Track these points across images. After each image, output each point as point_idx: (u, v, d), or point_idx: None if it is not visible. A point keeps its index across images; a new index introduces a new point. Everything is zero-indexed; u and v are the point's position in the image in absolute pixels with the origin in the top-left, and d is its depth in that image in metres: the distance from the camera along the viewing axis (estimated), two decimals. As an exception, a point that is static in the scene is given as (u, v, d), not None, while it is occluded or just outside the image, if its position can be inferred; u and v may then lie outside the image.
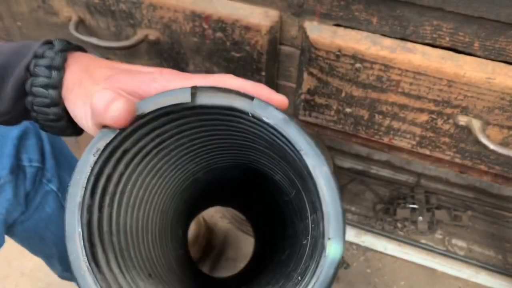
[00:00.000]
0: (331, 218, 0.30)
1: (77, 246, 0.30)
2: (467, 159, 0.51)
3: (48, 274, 0.96)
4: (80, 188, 0.31)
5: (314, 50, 0.47)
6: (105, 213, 0.33)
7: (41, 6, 0.58)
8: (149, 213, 0.40)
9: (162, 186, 0.41)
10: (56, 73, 0.35)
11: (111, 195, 0.34)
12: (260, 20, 0.47)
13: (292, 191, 0.43)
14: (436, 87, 0.45)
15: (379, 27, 0.45)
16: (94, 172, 0.32)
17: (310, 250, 0.35)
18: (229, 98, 0.34)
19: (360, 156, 1.22)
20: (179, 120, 0.36)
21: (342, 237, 0.30)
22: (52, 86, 0.35)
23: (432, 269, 1.04)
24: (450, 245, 1.08)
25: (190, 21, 0.50)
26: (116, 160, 0.33)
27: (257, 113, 0.33)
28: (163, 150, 0.38)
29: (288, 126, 0.32)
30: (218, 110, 0.35)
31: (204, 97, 0.34)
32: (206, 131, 0.39)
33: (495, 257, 1.07)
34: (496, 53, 0.42)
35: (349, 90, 0.49)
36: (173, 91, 0.33)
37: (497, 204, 1.13)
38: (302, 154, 0.32)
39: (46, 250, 0.72)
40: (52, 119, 0.36)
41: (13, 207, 0.57)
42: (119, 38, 0.57)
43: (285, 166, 0.40)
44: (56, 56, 0.36)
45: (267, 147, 0.39)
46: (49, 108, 0.36)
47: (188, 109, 0.34)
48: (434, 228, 1.11)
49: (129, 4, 0.52)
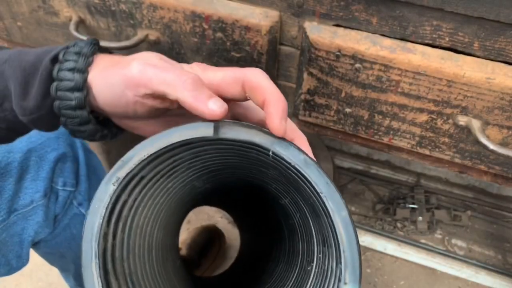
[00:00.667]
0: (349, 263, 0.31)
1: (94, 275, 0.30)
2: (467, 159, 0.51)
3: (49, 274, 0.97)
4: (98, 217, 0.31)
5: (314, 50, 0.47)
6: (118, 239, 0.33)
7: (41, 6, 0.58)
8: (154, 229, 0.40)
9: (169, 203, 0.42)
10: (79, 76, 0.35)
11: (124, 220, 0.34)
12: (260, 20, 0.47)
13: (297, 214, 0.43)
14: (435, 87, 0.45)
15: (379, 27, 0.45)
16: (112, 201, 0.32)
17: (316, 280, 0.36)
18: (250, 134, 0.34)
19: (360, 156, 1.22)
20: (197, 148, 0.36)
21: (359, 282, 0.31)
22: (77, 89, 0.35)
23: (432, 269, 1.04)
24: (450, 245, 1.08)
25: (190, 21, 0.51)
26: (133, 187, 0.34)
27: (278, 152, 0.33)
28: (175, 172, 0.38)
29: (309, 167, 0.33)
30: (238, 144, 0.35)
31: (226, 130, 0.34)
32: (222, 157, 0.39)
33: (495, 257, 1.07)
34: (496, 53, 0.42)
35: (349, 90, 0.49)
36: (197, 125, 0.34)
37: (496, 204, 1.14)
38: (322, 197, 0.32)
39: (64, 265, 0.72)
40: (80, 122, 0.36)
41: (41, 229, 0.58)
42: (119, 38, 0.57)
43: (295, 195, 0.40)
44: (79, 59, 0.36)
45: (282, 178, 0.39)
46: (74, 111, 0.36)
47: (209, 141, 0.35)
48: (434, 228, 1.11)
49: (130, 4, 0.52)
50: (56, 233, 0.62)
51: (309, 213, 0.39)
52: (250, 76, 0.33)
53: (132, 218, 0.35)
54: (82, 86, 0.35)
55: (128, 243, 0.35)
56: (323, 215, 0.34)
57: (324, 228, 0.35)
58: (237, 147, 0.36)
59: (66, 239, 0.65)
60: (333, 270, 0.32)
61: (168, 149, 0.34)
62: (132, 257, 0.35)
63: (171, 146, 0.34)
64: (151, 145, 0.33)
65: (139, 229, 0.37)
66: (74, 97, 0.35)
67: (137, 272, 0.36)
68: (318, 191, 0.32)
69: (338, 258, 0.32)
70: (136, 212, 0.36)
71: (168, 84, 0.32)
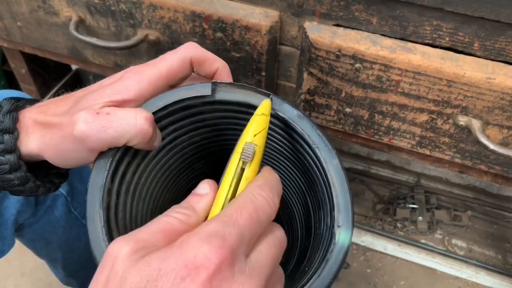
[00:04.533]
0: (341, 207, 0.32)
1: (97, 226, 0.31)
2: (467, 159, 0.51)
3: (49, 274, 0.97)
4: (103, 171, 0.32)
5: (314, 50, 0.47)
6: (121, 200, 0.34)
7: (41, 6, 0.58)
8: (155, 207, 0.41)
9: (170, 183, 0.42)
10: (9, 136, 0.33)
11: (127, 184, 0.35)
12: (260, 20, 0.47)
13: (291, 190, 0.43)
14: (436, 87, 0.45)
15: (379, 27, 0.45)
16: (116, 158, 0.33)
17: (315, 246, 0.36)
18: (246, 94, 0.35)
19: (360, 156, 1.22)
20: (195, 116, 0.37)
21: (351, 225, 0.31)
22: (8, 151, 0.33)
23: (432, 269, 1.04)
24: (450, 245, 1.08)
25: (190, 21, 0.51)
26: (136, 149, 0.34)
27: (274, 109, 0.35)
28: (176, 146, 0.39)
29: (302, 121, 0.34)
30: (235, 107, 0.36)
31: (223, 92, 0.35)
32: (219, 130, 0.40)
33: (495, 257, 1.07)
34: (496, 53, 0.42)
35: (349, 90, 0.49)
36: (194, 85, 0.35)
37: (497, 204, 1.13)
38: (314, 147, 0.34)
39: (51, 253, 0.72)
40: (18, 183, 0.35)
41: (23, 208, 0.57)
42: (119, 38, 0.57)
43: (293, 167, 0.41)
44: (4, 119, 0.34)
45: (278, 148, 0.40)
46: (11, 174, 0.34)
47: (207, 104, 0.36)
48: (434, 228, 1.11)
49: (129, 4, 0.52)
50: (39, 215, 0.62)
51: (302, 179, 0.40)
52: (195, 53, 0.36)
53: (135, 185, 0.36)
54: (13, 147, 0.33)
55: (131, 208, 0.35)
56: (315, 169, 0.35)
57: (318, 190, 0.36)
58: (233, 112, 0.37)
59: (49, 222, 0.64)
60: (328, 225, 0.33)
61: (167, 112, 0.35)
62: (134, 224, 0.35)
63: (169, 108, 0.34)
64: (149, 106, 0.34)
65: (141, 200, 0.37)
66: (6, 160, 0.33)
67: None
68: (310, 143, 0.34)
69: (332, 208, 0.32)
70: (139, 181, 0.36)
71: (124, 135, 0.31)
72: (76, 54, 0.63)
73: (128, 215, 0.35)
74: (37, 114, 0.35)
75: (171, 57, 0.35)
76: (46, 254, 0.73)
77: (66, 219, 0.65)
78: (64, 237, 0.67)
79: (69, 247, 0.70)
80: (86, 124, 0.30)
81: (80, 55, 0.63)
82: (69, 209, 0.66)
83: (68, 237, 0.67)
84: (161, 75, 0.34)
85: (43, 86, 0.85)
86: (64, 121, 0.32)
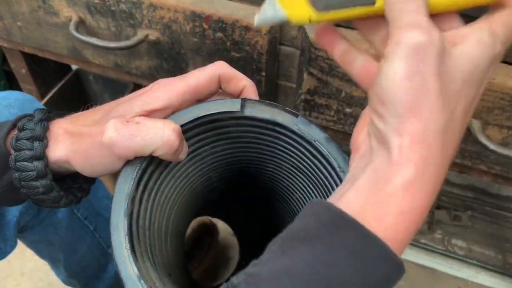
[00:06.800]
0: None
1: (121, 234, 0.31)
2: (467, 159, 0.51)
3: (49, 274, 0.97)
4: (129, 179, 0.33)
5: (314, 50, 0.47)
6: (143, 207, 0.35)
7: (41, 6, 0.58)
8: (171, 213, 0.41)
9: (187, 189, 0.43)
10: (38, 144, 0.34)
11: (149, 191, 0.35)
12: (260, 20, 0.47)
13: None
14: (436, 87, 0.45)
15: (379, 27, 0.45)
16: (143, 167, 0.33)
17: None
18: (274, 113, 0.36)
19: (360, 156, 1.22)
20: (220, 129, 0.38)
21: None
22: (36, 158, 0.34)
23: (432, 269, 1.04)
24: (450, 245, 1.08)
25: (190, 21, 0.51)
26: (159, 160, 0.35)
27: (300, 129, 0.35)
28: (198, 155, 0.40)
29: (329, 144, 0.35)
30: (261, 123, 0.37)
31: (251, 109, 0.36)
32: (241, 143, 0.40)
33: (495, 257, 1.07)
34: (496, 53, 0.42)
35: (349, 90, 0.49)
36: (224, 101, 0.35)
37: (497, 204, 1.13)
38: (339, 171, 0.34)
39: (53, 255, 0.72)
40: (43, 191, 0.35)
41: (25, 210, 0.57)
42: (119, 38, 0.57)
43: (313, 187, 0.41)
44: (36, 127, 0.34)
45: (299, 167, 0.40)
46: (37, 181, 0.34)
47: (234, 118, 0.36)
48: (434, 228, 1.11)
49: (129, 4, 0.52)
50: (41, 217, 0.62)
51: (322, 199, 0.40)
52: (224, 71, 0.36)
53: (156, 192, 0.36)
54: (42, 155, 0.34)
55: (150, 215, 0.36)
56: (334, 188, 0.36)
57: None
58: (259, 128, 0.37)
59: (52, 224, 0.64)
60: None
61: (195, 124, 0.35)
62: (152, 230, 0.36)
63: (197, 121, 0.35)
64: (178, 118, 0.34)
65: (159, 206, 0.38)
66: (34, 166, 0.34)
67: (155, 246, 0.36)
68: (335, 166, 0.35)
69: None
70: (159, 188, 0.37)
71: (150, 144, 0.32)
72: (76, 54, 0.63)
73: (147, 222, 0.35)
74: (67, 123, 0.36)
75: (200, 73, 0.36)
76: (48, 255, 0.73)
77: (68, 220, 0.65)
78: (67, 239, 0.67)
79: (72, 249, 0.70)
80: (115, 131, 0.31)
81: (80, 55, 0.63)
82: (72, 210, 0.66)
83: (70, 238, 0.67)
84: (189, 88, 0.35)
85: (43, 86, 0.85)
86: (94, 130, 0.33)
